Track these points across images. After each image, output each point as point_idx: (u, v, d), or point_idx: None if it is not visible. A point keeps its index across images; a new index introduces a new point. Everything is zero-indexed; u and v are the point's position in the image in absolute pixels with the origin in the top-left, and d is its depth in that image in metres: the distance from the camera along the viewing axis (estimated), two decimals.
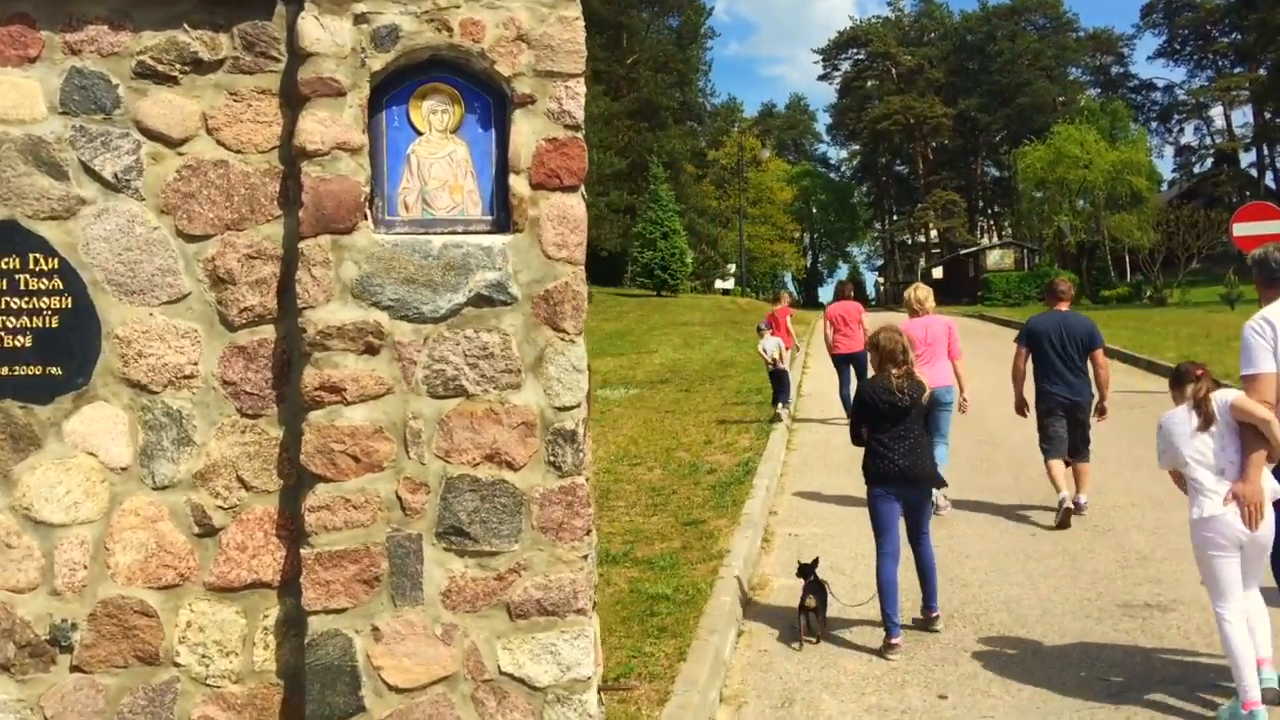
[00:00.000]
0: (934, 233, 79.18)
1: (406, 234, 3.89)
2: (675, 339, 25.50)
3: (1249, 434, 4.48)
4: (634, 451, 11.73)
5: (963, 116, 77.55)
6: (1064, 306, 8.57)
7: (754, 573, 7.38)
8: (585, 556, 3.87)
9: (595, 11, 55.68)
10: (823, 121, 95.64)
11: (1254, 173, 71.41)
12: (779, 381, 13.82)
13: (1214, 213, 41.62)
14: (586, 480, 3.90)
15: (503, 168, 3.91)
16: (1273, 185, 68.89)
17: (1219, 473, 4.53)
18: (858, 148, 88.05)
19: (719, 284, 60.68)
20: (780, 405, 13.67)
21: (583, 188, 3.98)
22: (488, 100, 3.96)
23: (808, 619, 6.00)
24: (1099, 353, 8.33)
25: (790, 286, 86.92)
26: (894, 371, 5.93)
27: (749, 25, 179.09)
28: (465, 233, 3.91)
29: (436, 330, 3.84)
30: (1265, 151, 74.99)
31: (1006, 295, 49.69)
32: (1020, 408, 8.75)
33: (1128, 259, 51.64)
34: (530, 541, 3.84)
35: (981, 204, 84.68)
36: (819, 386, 17.48)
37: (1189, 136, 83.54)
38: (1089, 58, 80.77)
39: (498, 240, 3.88)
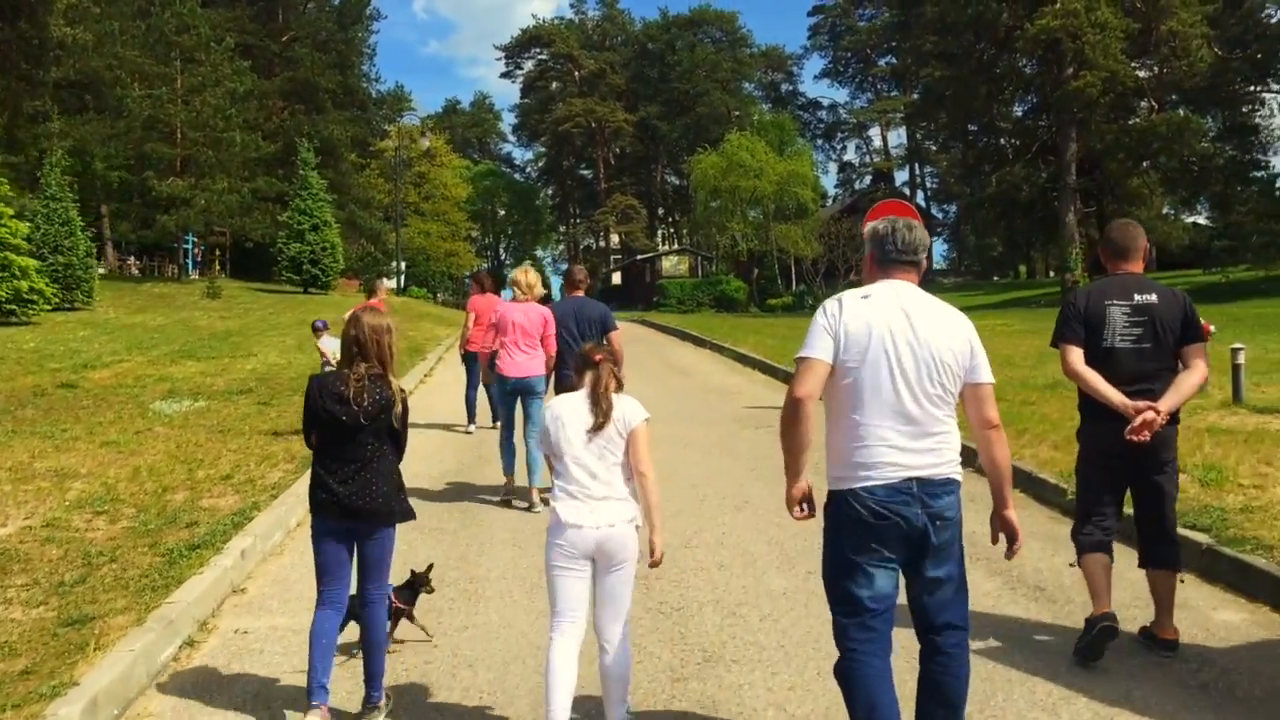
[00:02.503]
0: (615, 237, 79.06)
1: None
2: (289, 341, 21.94)
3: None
4: (116, 492, 8.58)
5: (644, 123, 78.00)
6: (580, 293, 8.89)
7: (123, 716, 4.55)
8: None
9: None
10: (509, 121, 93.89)
11: (907, 190, 76.45)
12: None
13: None
14: None
15: None
16: (923, 203, 73.90)
17: (591, 479, 4.01)
18: (542, 149, 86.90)
19: (387, 283, 57.04)
20: None
21: None
22: None
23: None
24: (615, 335, 8.47)
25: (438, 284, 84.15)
26: (356, 371, 4.39)
27: (449, 25, 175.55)
28: None
29: None
30: (917, 170, 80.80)
31: (681, 302, 50.58)
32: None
33: (794, 268, 53.21)
34: None
35: (662, 211, 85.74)
36: (436, 399, 14.94)
37: (850, 154, 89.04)
38: (761, 73, 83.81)
39: None
